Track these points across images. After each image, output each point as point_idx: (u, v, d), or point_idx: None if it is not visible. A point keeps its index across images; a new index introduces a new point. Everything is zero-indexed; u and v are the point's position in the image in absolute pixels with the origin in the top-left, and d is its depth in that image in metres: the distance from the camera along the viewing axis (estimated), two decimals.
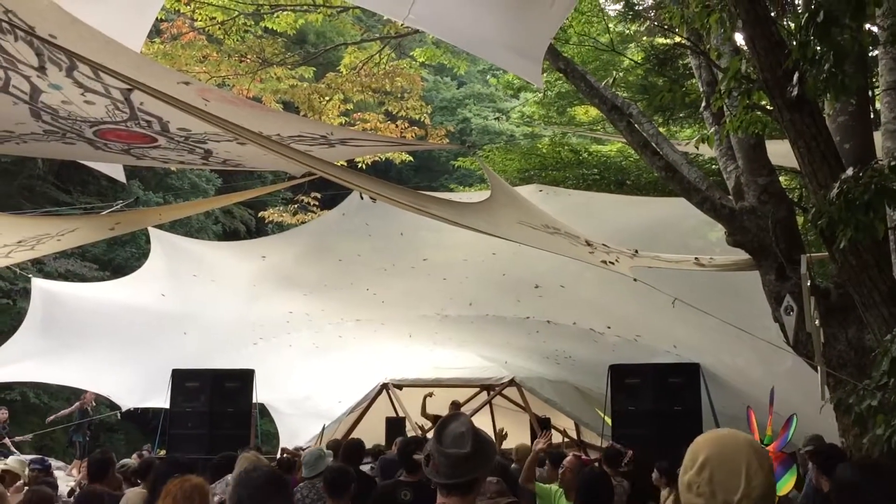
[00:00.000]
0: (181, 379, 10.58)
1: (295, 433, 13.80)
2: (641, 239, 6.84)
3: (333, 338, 11.79)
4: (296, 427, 14.07)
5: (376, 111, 14.29)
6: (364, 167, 12.57)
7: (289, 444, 11.97)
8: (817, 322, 4.96)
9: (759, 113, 4.95)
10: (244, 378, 10.71)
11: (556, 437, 13.55)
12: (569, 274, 8.48)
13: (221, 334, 11.18)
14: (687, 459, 1.87)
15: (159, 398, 10.92)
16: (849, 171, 3.94)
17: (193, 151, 5.55)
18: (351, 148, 6.45)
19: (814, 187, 4.38)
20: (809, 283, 4.85)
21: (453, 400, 12.16)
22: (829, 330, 5.09)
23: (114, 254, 21.67)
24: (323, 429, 11.23)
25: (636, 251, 6.19)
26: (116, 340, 10.72)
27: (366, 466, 7.90)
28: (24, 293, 14.96)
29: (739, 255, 5.93)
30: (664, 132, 7.56)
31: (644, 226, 8.02)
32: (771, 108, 4.71)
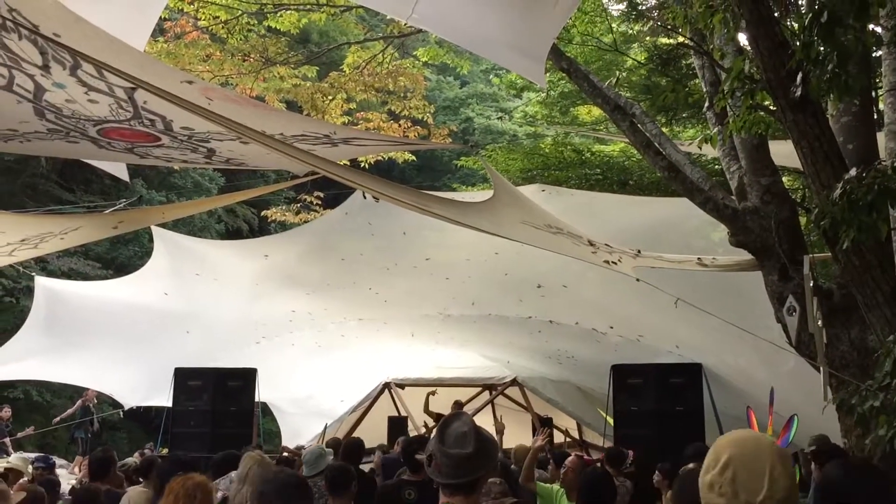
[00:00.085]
0: (184, 377, 10.59)
1: (297, 432, 13.80)
2: (644, 239, 6.82)
3: (336, 337, 11.80)
4: (298, 426, 14.08)
5: (379, 110, 14.28)
6: (367, 167, 12.58)
7: (291, 443, 11.97)
8: (820, 323, 4.96)
9: (763, 113, 4.94)
10: (247, 377, 10.72)
11: (559, 437, 13.55)
12: (571, 274, 8.47)
13: (224, 333, 11.19)
14: (709, 459, 1.87)
15: (162, 397, 10.94)
16: (852, 172, 3.94)
17: (196, 150, 5.55)
18: (354, 147, 6.45)
19: (817, 188, 4.37)
20: (812, 284, 4.85)
21: (456, 399, 12.16)
22: (832, 330, 5.09)
23: (117, 252, 21.71)
24: (325, 428, 11.24)
25: (639, 251, 6.18)
26: (119, 339, 10.73)
27: (367, 466, 7.90)
28: (28, 291, 14.98)
29: (742, 256, 5.92)
30: (667, 132, 7.57)
31: (647, 226, 8.01)
32: (774, 109, 4.71)
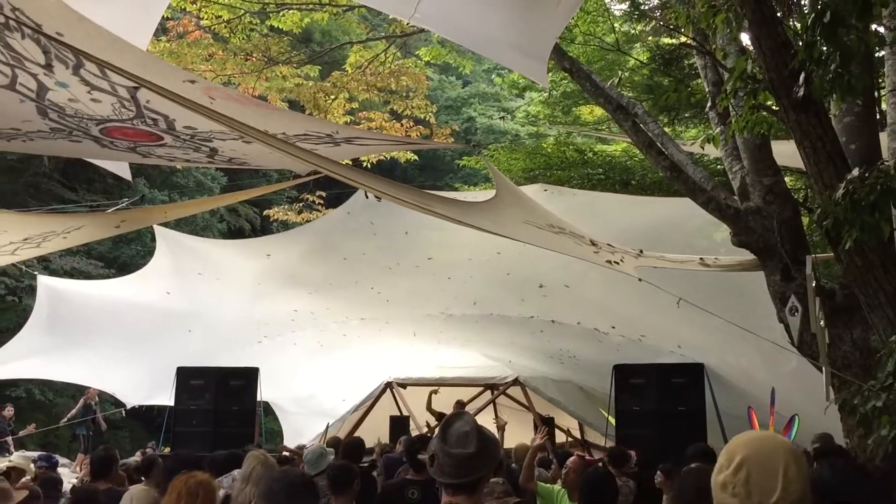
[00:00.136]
0: (186, 377, 10.60)
1: (299, 431, 13.80)
2: (646, 239, 6.82)
3: (338, 336, 11.80)
4: (300, 425, 14.08)
5: (381, 110, 14.29)
6: (369, 166, 12.59)
7: (293, 442, 11.97)
8: (822, 323, 4.95)
9: (765, 113, 4.94)
10: (249, 376, 10.73)
11: (560, 437, 13.54)
12: (573, 273, 8.47)
13: (226, 332, 11.20)
14: (723, 459, 1.87)
15: (164, 396, 10.95)
16: (854, 172, 3.94)
17: (199, 150, 5.56)
18: (356, 147, 6.45)
19: (819, 188, 4.36)
20: (815, 284, 4.85)
21: (458, 399, 12.16)
22: (834, 331, 5.08)
23: (119, 251, 21.74)
24: (327, 427, 11.24)
25: (641, 251, 6.18)
26: (122, 338, 10.74)
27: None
28: (30, 290, 15.01)
29: (744, 256, 5.92)
30: (669, 132, 7.57)
31: (649, 226, 8.00)
32: (777, 109, 4.70)
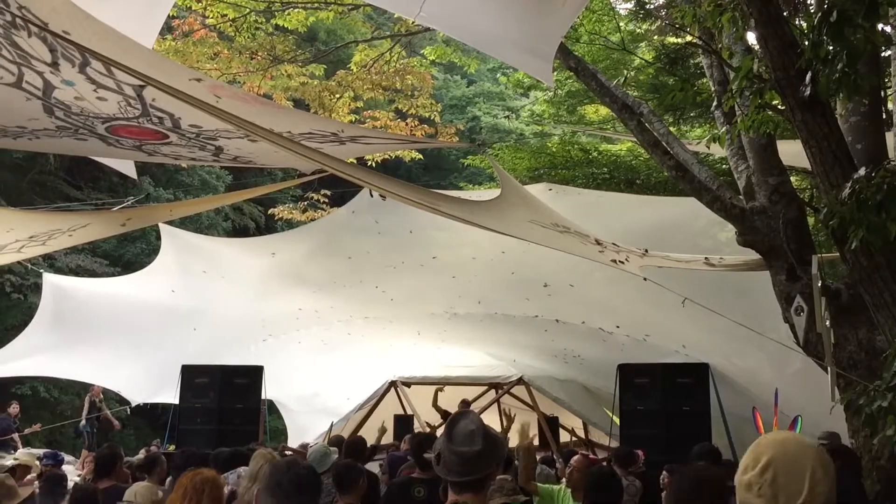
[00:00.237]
0: (190, 375, 10.61)
1: (303, 430, 13.82)
2: (651, 238, 6.81)
3: (342, 335, 11.81)
4: (304, 424, 14.10)
5: (386, 109, 14.30)
6: (374, 165, 12.59)
7: (297, 441, 11.99)
8: (828, 323, 4.93)
9: (771, 112, 4.93)
10: (253, 374, 10.74)
11: (565, 437, 13.55)
12: (578, 273, 8.46)
13: (231, 331, 11.21)
14: (748, 459, 1.85)
15: (169, 394, 10.97)
16: (861, 172, 3.93)
17: (204, 148, 5.57)
18: (361, 145, 6.45)
19: (825, 187, 4.36)
20: (820, 284, 4.83)
21: (463, 398, 12.16)
22: (840, 331, 5.07)
23: (124, 250, 21.79)
24: (331, 426, 11.25)
25: (646, 250, 6.17)
26: (126, 336, 10.76)
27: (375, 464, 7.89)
28: (36, 288, 15.04)
29: (750, 256, 5.91)
30: (675, 131, 7.55)
31: (654, 225, 7.99)
32: (783, 108, 4.70)
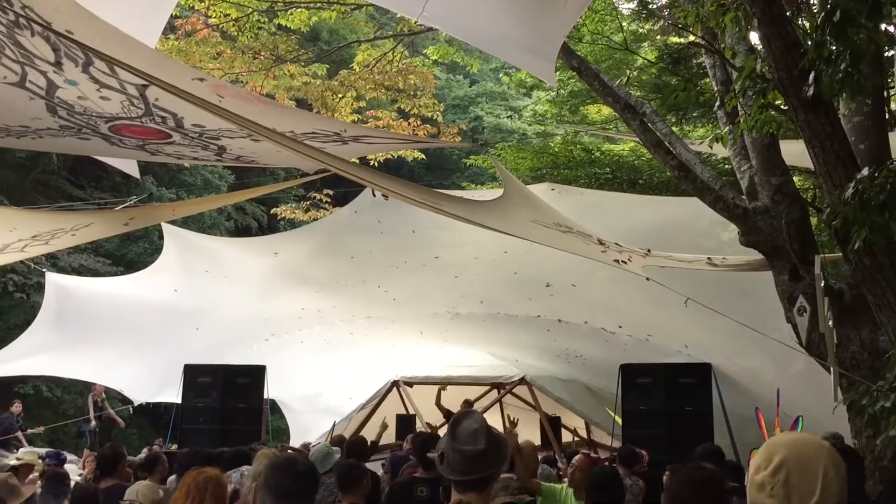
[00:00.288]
0: (193, 374, 10.62)
1: (306, 429, 13.82)
2: (654, 238, 6.80)
3: (344, 335, 11.81)
4: (307, 423, 14.10)
5: (389, 109, 14.30)
6: (376, 165, 12.59)
7: (299, 440, 11.98)
8: (830, 323, 4.94)
9: (774, 112, 4.93)
10: (256, 374, 10.74)
11: (567, 437, 13.54)
12: (581, 273, 8.45)
13: (233, 330, 11.22)
14: (761, 459, 1.85)
15: (171, 393, 10.98)
16: (864, 172, 3.93)
17: (207, 148, 5.57)
18: (364, 145, 6.45)
19: (828, 187, 4.35)
20: (823, 284, 4.83)
21: (465, 398, 12.15)
22: (843, 331, 5.07)
23: (127, 249, 21.81)
24: (333, 425, 11.24)
25: (649, 250, 6.17)
26: (129, 335, 10.77)
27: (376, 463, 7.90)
28: (38, 287, 15.05)
29: (752, 256, 5.90)
30: (677, 131, 7.54)
31: (656, 225, 7.98)
32: (786, 108, 4.69)
